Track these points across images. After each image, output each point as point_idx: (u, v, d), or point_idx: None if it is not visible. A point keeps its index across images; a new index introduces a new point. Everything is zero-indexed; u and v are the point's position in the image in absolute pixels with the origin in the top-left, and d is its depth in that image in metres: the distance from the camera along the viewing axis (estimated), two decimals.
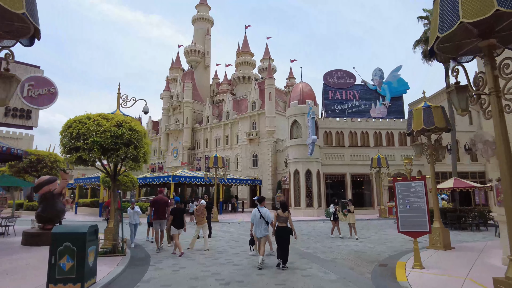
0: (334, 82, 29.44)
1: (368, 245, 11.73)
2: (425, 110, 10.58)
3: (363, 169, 27.21)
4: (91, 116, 8.89)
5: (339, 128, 27.94)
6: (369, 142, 28.20)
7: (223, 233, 15.60)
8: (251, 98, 40.24)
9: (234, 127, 42.98)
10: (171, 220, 9.96)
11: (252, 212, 8.63)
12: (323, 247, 11.32)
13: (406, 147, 28.35)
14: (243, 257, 9.54)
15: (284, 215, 8.08)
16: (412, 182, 7.94)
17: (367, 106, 29.60)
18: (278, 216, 8.14)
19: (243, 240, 13.06)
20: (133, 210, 11.45)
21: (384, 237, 13.96)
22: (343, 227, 16.16)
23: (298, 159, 25.86)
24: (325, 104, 29.19)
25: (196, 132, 48.17)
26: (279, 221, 8.11)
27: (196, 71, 55.71)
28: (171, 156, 49.33)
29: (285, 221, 8.04)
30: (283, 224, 8.02)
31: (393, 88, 30.06)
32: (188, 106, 47.91)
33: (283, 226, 8.00)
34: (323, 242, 12.45)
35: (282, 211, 8.16)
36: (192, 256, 9.74)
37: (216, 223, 20.98)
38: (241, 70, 51.90)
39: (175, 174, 24.95)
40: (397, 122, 28.77)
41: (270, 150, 37.15)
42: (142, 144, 9.25)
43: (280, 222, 8.08)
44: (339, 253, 10.25)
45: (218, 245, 11.78)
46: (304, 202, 25.09)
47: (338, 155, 27.57)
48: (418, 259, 7.55)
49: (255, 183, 32.94)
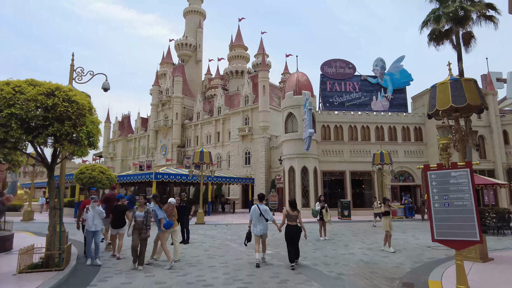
0: (332, 73, 27.28)
1: (379, 253, 9.50)
2: (453, 84, 8.36)
3: (364, 167, 25.04)
4: (12, 82, 6.53)
5: (337, 122, 25.75)
6: (370, 137, 26.04)
7: (205, 237, 13.28)
8: (244, 92, 37.94)
9: (226, 123, 40.63)
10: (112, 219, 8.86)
11: (251, 208, 8.19)
12: (324, 257, 9.06)
13: (410, 143, 26.27)
14: (220, 272, 7.25)
15: (294, 213, 7.86)
16: (453, 171, 5.72)
17: (368, 98, 27.48)
18: (288, 214, 7.86)
19: (226, 247, 10.76)
20: (94, 210, 8.12)
21: (395, 242, 11.74)
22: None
23: (293, 155, 23.61)
24: (322, 96, 27.00)
25: (186, 128, 45.71)
26: (288, 220, 7.83)
27: (187, 66, 53.27)
28: (159, 154, 46.81)
29: (295, 219, 7.84)
30: (293, 222, 7.79)
31: (395, 79, 28.00)
32: (178, 101, 45.45)
33: (294, 225, 7.78)
34: (324, 250, 10.19)
35: (291, 210, 7.91)
36: (153, 270, 7.43)
37: (202, 225, 18.71)
38: (234, 64, 49.54)
39: (157, 171, 22.56)
40: (400, 116, 26.68)
41: (263, 147, 34.87)
42: (84, 122, 6.89)
43: (290, 220, 7.82)
44: (345, 265, 8.00)
45: (193, 254, 9.46)
46: (300, 202, 22.80)
47: (337, 151, 25.37)
48: (464, 279, 5.29)
49: (248, 182, 30.63)
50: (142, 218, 7.72)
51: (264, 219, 7.99)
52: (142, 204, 7.95)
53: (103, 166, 22.66)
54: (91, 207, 8.21)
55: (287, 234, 7.74)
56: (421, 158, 26.11)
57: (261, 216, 7.99)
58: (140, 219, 7.73)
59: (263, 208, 8.09)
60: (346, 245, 11.17)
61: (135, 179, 23.67)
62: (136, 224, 7.73)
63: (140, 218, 7.73)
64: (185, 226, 11.73)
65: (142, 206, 7.91)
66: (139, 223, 7.72)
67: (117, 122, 59.07)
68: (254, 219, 8.03)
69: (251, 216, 8.12)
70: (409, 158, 25.96)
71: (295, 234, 7.69)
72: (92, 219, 8.13)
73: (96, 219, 8.18)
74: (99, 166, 22.38)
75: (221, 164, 40.34)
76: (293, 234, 7.68)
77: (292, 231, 7.70)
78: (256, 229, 7.98)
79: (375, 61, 28.53)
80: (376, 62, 28.50)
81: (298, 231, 7.75)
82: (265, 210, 8.06)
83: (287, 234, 7.74)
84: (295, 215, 7.84)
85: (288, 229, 7.78)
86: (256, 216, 8.01)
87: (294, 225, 7.76)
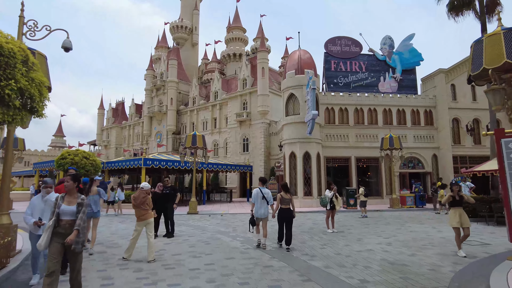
0: (337, 51, 25.17)
1: (403, 250, 7.74)
2: (508, 35, 6.47)
3: (371, 152, 23.23)
4: None
5: (342, 104, 23.78)
6: (377, 120, 24.12)
7: (195, 229, 11.51)
8: (242, 75, 35.80)
9: (223, 109, 38.63)
10: None
11: (253, 192, 8.12)
12: (337, 255, 7.28)
13: (420, 127, 24.39)
14: (203, 279, 5.45)
15: (287, 196, 7.97)
16: None
17: (375, 79, 25.45)
18: (282, 198, 7.94)
19: (216, 242, 8.98)
20: (45, 200, 5.25)
21: (414, 235, 9.99)
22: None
23: (294, 139, 21.74)
24: (326, 77, 24.96)
25: (181, 114, 43.70)
26: (282, 203, 7.95)
27: (183, 49, 50.89)
28: (154, 142, 44.91)
29: (289, 202, 7.97)
30: (286, 206, 7.93)
31: (404, 59, 25.93)
32: (173, 85, 43.30)
33: (287, 208, 7.92)
34: (335, 246, 8.41)
35: (285, 193, 7.98)
36: (117, 274, 5.64)
37: (194, 215, 16.99)
38: (232, 47, 47.14)
39: (146, 157, 20.71)
40: (409, 98, 24.71)
41: (262, 133, 32.98)
42: (13, 75, 4.97)
43: (284, 204, 7.94)
44: (366, 267, 6.21)
45: (174, 251, 7.67)
46: (302, 190, 21.09)
47: (342, 135, 23.48)
48: None
49: (246, 170, 28.85)
50: (70, 217, 4.15)
51: (266, 202, 7.97)
52: (72, 190, 4.31)
53: (87, 151, 20.83)
54: (41, 196, 5.32)
55: (280, 216, 7.93)
56: (432, 144, 24.29)
57: (263, 199, 7.95)
58: (67, 218, 4.13)
59: (265, 191, 8.00)
60: (360, 239, 9.40)
61: (124, 165, 21.84)
62: (60, 227, 4.11)
63: (67, 215, 4.14)
64: (169, 217, 9.95)
65: (71, 195, 4.29)
66: (65, 224, 4.12)
67: (111, 109, 56.97)
68: (257, 203, 7.98)
69: (254, 199, 8.07)
70: (418, 144, 24.13)
71: (288, 216, 7.85)
72: (41, 213, 5.10)
73: (47, 212, 5.06)
74: (82, 151, 20.53)
75: (218, 151, 38.54)
76: (286, 216, 7.86)
77: (285, 213, 7.87)
78: (258, 212, 7.95)
79: (383, 39, 26.42)
80: (384, 40, 26.40)
81: (291, 214, 7.89)
82: (267, 193, 7.97)
83: (280, 216, 7.93)
84: (289, 199, 7.94)
85: (281, 211, 7.92)
86: (259, 199, 7.97)
87: (287, 208, 7.90)
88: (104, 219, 15.16)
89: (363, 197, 16.09)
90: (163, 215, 10.06)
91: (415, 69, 26.17)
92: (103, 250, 7.90)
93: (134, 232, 6.91)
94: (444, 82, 24.48)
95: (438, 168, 23.99)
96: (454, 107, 24.44)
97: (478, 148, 24.08)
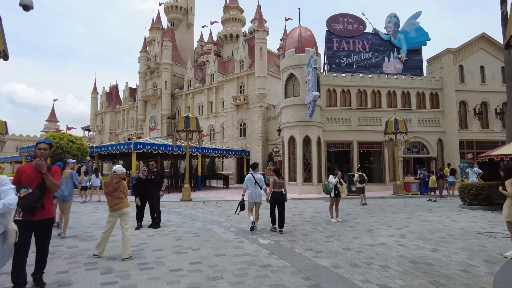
0: (340, 29, 23.70)
1: (422, 244, 6.70)
2: None
3: (373, 136, 22.15)
4: None
5: (345, 86, 22.50)
6: (381, 103, 22.92)
7: (185, 219, 10.44)
8: (239, 56, 34.21)
9: (220, 92, 37.20)
10: None
11: (246, 177, 8.27)
12: (346, 251, 6.22)
13: (425, 111, 23.23)
14: (184, 284, 4.37)
15: (280, 181, 8.05)
16: None
17: (379, 59, 24.09)
18: (275, 182, 8.02)
19: (207, 234, 7.91)
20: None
21: (429, 226, 8.97)
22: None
23: (294, 123, 20.56)
24: (328, 56, 23.56)
25: (176, 98, 42.23)
26: (275, 187, 8.03)
27: (178, 31, 48.90)
28: (148, 127, 43.60)
29: (281, 186, 8.05)
30: (279, 189, 8.02)
31: (410, 38, 24.53)
32: (167, 68, 41.66)
33: (279, 191, 8.02)
34: (342, 239, 7.36)
35: (278, 178, 8.06)
36: (79, 277, 4.54)
37: (187, 202, 15.97)
38: (229, 27, 45.25)
39: (137, 141, 19.50)
40: (415, 79, 23.43)
41: (260, 117, 31.72)
42: None
43: (276, 188, 8.02)
44: (383, 267, 5.15)
45: (157, 246, 6.59)
46: (301, 176, 20.07)
47: (344, 119, 22.30)
48: None
49: (243, 155, 27.74)
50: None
51: (258, 188, 8.11)
52: None
53: (73, 135, 19.61)
54: None
55: (273, 198, 8.07)
56: (438, 128, 23.18)
57: (256, 184, 8.09)
58: None
59: (257, 176, 8.16)
60: (369, 230, 8.36)
61: (113, 150, 20.68)
62: None
63: None
64: (154, 205, 8.86)
65: None
66: None
67: (105, 93, 55.30)
68: (250, 188, 8.13)
69: (246, 185, 8.19)
70: (423, 128, 23.02)
71: (281, 198, 7.99)
72: None
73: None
74: (68, 134, 19.34)
75: (214, 136, 37.37)
76: (278, 198, 8.00)
77: (278, 196, 8.01)
78: (251, 197, 8.11)
79: (388, 17, 24.92)
80: (388, 18, 24.90)
81: (283, 197, 8.03)
82: (260, 179, 8.14)
83: (273, 198, 8.07)
84: (281, 183, 8.08)
85: (273, 195, 8.07)
86: (252, 184, 8.12)
87: (280, 192, 8.03)
88: (90, 207, 14.09)
89: (359, 184, 15.12)
90: (148, 203, 8.97)
91: (421, 49, 24.82)
92: (74, 244, 6.81)
93: (107, 224, 5.79)
94: (452, 63, 23.17)
95: (444, 153, 22.97)
96: (462, 89, 23.22)
97: (486, 133, 23.04)
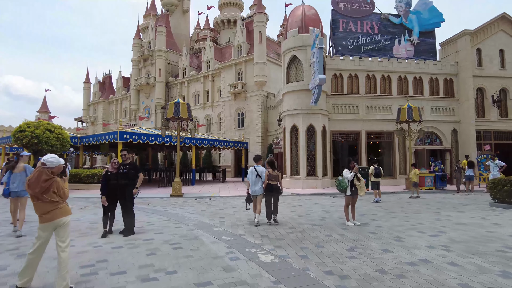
0: (346, 9, 21.64)
1: (481, 263, 4.91)
2: None
3: (383, 126, 20.33)
4: None
5: (352, 70, 20.56)
6: (391, 90, 21.02)
7: (168, 221, 8.62)
8: (237, 41, 32.11)
9: (216, 80, 35.18)
10: None
11: (249, 171, 8.14)
12: (381, 273, 4.40)
13: (439, 98, 21.34)
14: None
15: (275, 173, 8.06)
16: None
17: (389, 42, 22.10)
18: (270, 174, 8.00)
19: (192, 244, 6.07)
20: None
21: (470, 232, 7.18)
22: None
23: (297, 110, 18.67)
24: (334, 38, 21.55)
25: (171, 87, 40.18)
26: (270, 180, 7.98)
27: (173, 17, 46.60)
28: (139, 116, 41.61)
29: (276, 179, 8.04)
30: (274, 182, 8.00)
31: (423, 19, 22.51)
32: (161, 55, 39.54)
33: (274, 183, 8.00)
34: (368, 251, 5.55)
35: (272, 170, 8.07)
36: None
37: (177, 198, 14.18)
38: (226, 12, 43.01)
39: (123, 130, 17.61)
40: (428, 64, 21.49)
41: (259, 106, 29.81)
42: None
43: (272, 180, 7.98)
44: None
45: (118, 267, 4.74)
46: (304, 169, 18.26)
47: (351, 106, 20.40)
48: None
49: (240, 147, 25.91)
50: None
51: (261, 180, 8.02)
52: None
53: (51, 123, 17.70)
54: None
55: (267, 190, 7.97)
56: (452, 117, 21.34)
57: (257, 177, 8.01)
58: None
59: (260, 169, 8.06)
60: (398, 238, 6.57)
61: (98, 140, 18.80)
62: None
63: None
64: (127, 207, 7.02)
65: None
66: None
67: (97, 83, 53.20)
68: (252, 181, 8.05)
69: (249, 178, 8.10)
70: (437, 117, 21.18)
71: (275, 191, 7.96)
72: None
73: None
74: (46, 122, 17.40)
75: (211, 127, 35.50)
76: (273, 189, 7.94)
77: (271, 187, 7.94)
78: (252, 189, 8.02)
79: None
80: None
81: (277, 189, 8.00)
82: (262, 172, 8.03)
83: (267, 190, 7.97)
84: (276, 175, 8.02)
85: (268, 186, 7.95)
86: (254, 177, 8.02)
87: (274, 184, 7.97)
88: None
89: (373, 178, 13.36)
90: (120, 203, 7.14)
91: (435, 32, 22.82)
92: (5, 263, 4.98)
93: (36, 241, 3.94)
94: (469, 46, 21.21)
95: (458, 144, 21.18)
96: (479, 74, 21.32)
97: (505, 122, 21.23)
